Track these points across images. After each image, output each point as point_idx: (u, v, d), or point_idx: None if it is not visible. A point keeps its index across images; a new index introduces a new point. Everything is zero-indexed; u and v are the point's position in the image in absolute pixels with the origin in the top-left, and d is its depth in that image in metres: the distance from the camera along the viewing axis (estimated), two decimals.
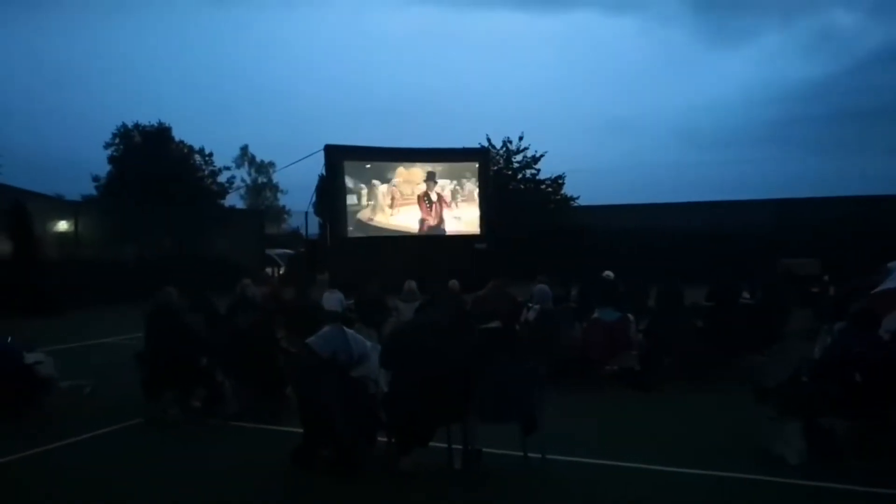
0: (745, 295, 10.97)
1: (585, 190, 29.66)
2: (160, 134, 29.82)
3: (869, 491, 4.90)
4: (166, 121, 30.32)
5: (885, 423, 5.37)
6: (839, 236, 19.74)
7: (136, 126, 29.92)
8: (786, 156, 74.85)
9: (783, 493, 5.01)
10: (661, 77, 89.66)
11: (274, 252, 28.34)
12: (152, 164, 27.53)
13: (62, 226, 20.59)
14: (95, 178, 30.65)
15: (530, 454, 5.53)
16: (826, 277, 14.51)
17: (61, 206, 22.33)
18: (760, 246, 19.87)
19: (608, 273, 12.03)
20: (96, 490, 5.41)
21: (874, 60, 77.79)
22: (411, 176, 22.46)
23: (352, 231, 21.62)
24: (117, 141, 30.01)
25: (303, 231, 28.08)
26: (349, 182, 21.66)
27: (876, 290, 8.26)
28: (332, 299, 10.83)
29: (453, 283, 10.74)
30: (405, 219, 22.30)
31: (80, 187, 31.78)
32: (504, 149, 28.04)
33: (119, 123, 30.15)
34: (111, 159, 29.98)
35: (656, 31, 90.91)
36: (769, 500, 4.96)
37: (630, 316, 8.81)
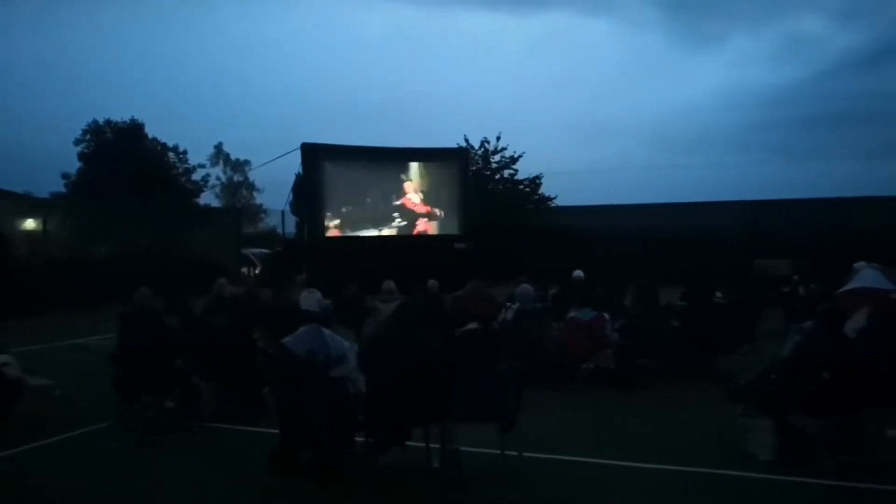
0: (719, 295, 11.13)
1: (561, 191, 29.77)
2: (132, 131, 29.34)
3: (836, 485, 5.02)
4: (139, 117, 29.91)
5: (852, 420, 5.49)
6: (809, 238, 20.10)
7: (108, 122, 29.44)
8: (757, 159, 75.90)
9: (754, 487, 5.13)
10: (635, 80, 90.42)
11: (250, 251, 28.12)
12: (125, 162, 27.14)
13: (31, 224, 20.24)
14: (65, 176, 30.11)
15: (507, 452, 5.57)
16: (796, 277, 14.79)
17: (30, 204, 21.94)
18: (734, 247, 20.17)
19: (578, 273, 12.13)
20: (68, 494, 5.36)
21: (842, 66, 79.20)
22: (390, 176, 22.42)
23: (329, 230, 21.53)
24: (88, 137, 29.52)
25: (280, 230, 27.92)
26: (326, 182, 21.55)
27: (841, 290, 8.46)
28: (310, 299, 10.79)
29: (432, 283, 10.76)
30: (383, 219, 22.27)
31: (50, 185, 31.23)
32: (482, 149, 28.11)
33: (90, 119, 29.68)
34: (81, 156, 29.47)
35: (630, 34, 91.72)
36: (740, 495, 5.06)
37: (606, 315, 8.90)
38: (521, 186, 28.04)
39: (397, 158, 22.68)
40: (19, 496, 5.33)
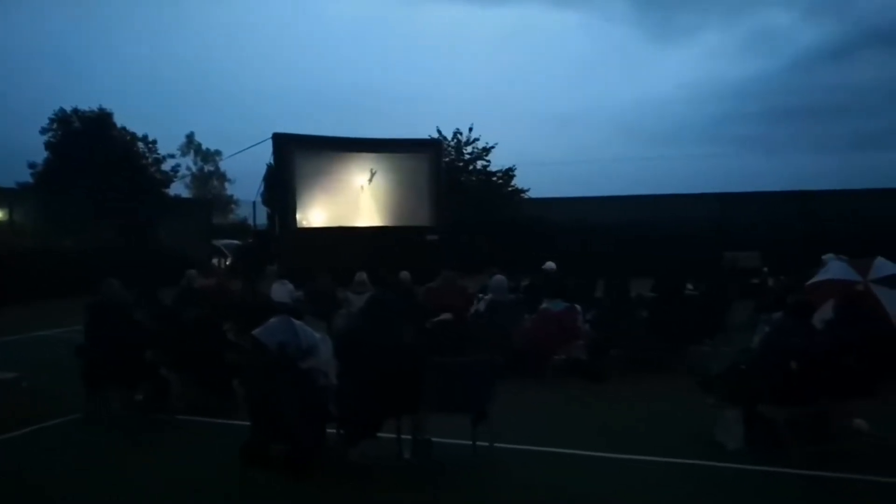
0: (689, 286, 11.24)
1: (533, 182, 29.87)
2: (101, 120, 28.81)
3: (804, 474, 5.10)
4: (108, 106, 29.38)
5: (819, 410, 5.59)
6: (778, 229, 20.40)
7: (76, 111, 28.89)
8: (726, 152, 76.96)
9: (723, 477, 5.19)
10: (607, 72, 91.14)
11: (221, 243, 27.82)
12: (92, 152, 26.66)
13: None
14: (31, 165, 29.51)
15: (479, 443, 5.57)
16: (765, 269, 15.00)
17: None
18: (704, 239, 20.38)
19: (550, 264, 12.17)
20: (36, 487, 5.25)
21: (810, 59, 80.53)
22: (362, 166, 22.28)
23: (301, 222, 21.35)
24: (55, 126, 28.96)
25: (251, 221, 27.62)
26: (298, 172, 21.35)
27: (810, 281, 8.60)
28: (282, 291, 10.71)
29: (404, 274, 10.73)
30: (356, 209, 22.13)
31: (16, 174, 30.53)
32: (455, 140, 28.06)
33: (57, 108, 29.08)
34: (48, 145, 28.90)
35: (601, 26, 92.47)
36: (710, 485, 5.11)
37: (578, 306, 8.95)
38: (494, 178, 28.06)
39: (371, 149, 22.50)
40: None
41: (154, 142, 31.22)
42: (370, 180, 22.11)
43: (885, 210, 20.43)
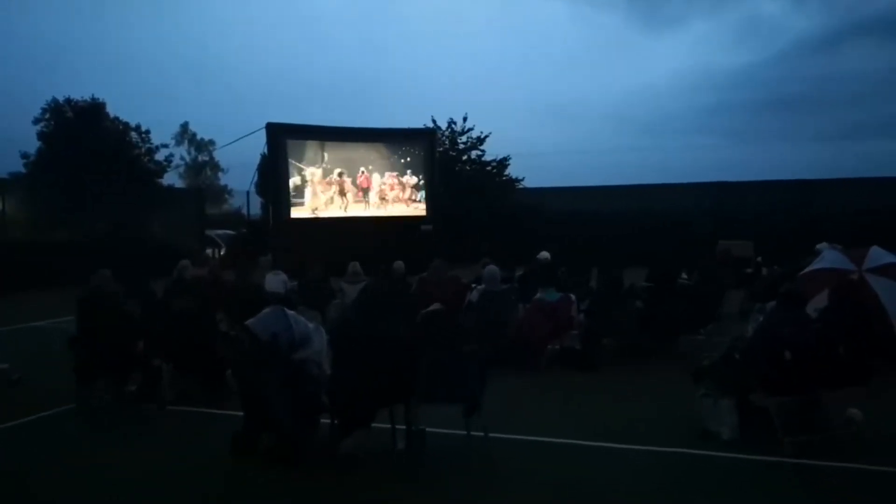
0: (683, 276, 11.23)
1: (526, 172, 29.69)
2: (94, 109, 28.64)
3: (797, 463, 5.10)
4: (101, 96, 29.20)
5: (813, 399, 5.59)
6: (771, 219, 20.42)
7: (68, 101, 28.71)
8: (718, 142, 76.89)
9: (716, 466, 5.18)
10: (597, 61, 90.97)
11: (214, 233, 27.73)
12: (85, 142, 26.53)
13: None
14: (24, 155, 29.33)
15: (473, 433, 5.56)
16: (759, 259, 15.00)
17: None
18: (698, 228, 20.38)
19: (544, 254, 12.14)
20: (27, 478, 5.24)
21: (800, 48, 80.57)
22: (354, 155, 22.21)
23: (295, 212, 21.29)
24: (47, 116, 28.78)
25: (244, 211, 27.53)
26: (292, 162, 21.27)
27: (804, 271, 8.60)
28: (276, 281, 10.66)
29: (398, 264, 10.69)
30: (350, 199, 22.07)
31: (8, 164, 30.37)
32: (449, 130, 27.97)
33: (49, 98, 28.90)
34: (41, 135, 28.74)
35: (590, 14, 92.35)
36: (703, 474, 5.11)
37: (572, 296, 8.93)
38: (489, 168, 28.01)
39: (365, 138, 22.42)
40: None
41: (147, 131, 31.04)
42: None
43: (878, 199, 20.46)
